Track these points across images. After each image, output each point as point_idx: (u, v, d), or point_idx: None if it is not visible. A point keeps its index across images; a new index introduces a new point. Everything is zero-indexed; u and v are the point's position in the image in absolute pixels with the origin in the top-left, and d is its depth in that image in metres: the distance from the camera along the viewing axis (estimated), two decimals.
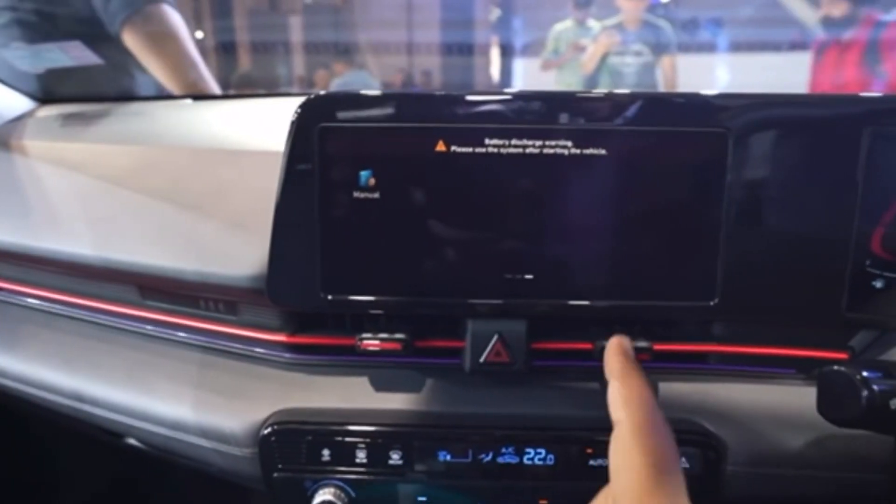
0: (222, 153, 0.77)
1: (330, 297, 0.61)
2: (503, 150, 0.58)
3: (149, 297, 0.73)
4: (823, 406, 0.51)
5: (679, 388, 0.65)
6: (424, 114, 0.59)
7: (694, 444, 0.61)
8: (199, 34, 7.29)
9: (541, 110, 0.58)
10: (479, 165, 0.59)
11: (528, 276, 0.61)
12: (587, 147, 0.58)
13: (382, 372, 0.67)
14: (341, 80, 4.81)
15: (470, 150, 0.58)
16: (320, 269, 0.61)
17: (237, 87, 4.58)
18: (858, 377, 0.46)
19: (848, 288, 0.60)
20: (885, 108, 0.58)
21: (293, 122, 0.59)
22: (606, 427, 0.62)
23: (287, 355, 0.69)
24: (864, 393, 0.45)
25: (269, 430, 0.62)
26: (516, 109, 0.58)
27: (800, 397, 0.64)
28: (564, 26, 3.91)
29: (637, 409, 0.42)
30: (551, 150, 0.58)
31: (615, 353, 0.48)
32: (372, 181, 0.60)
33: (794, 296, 0.60)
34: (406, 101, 0.59)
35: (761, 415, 0.63)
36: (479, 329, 0.63)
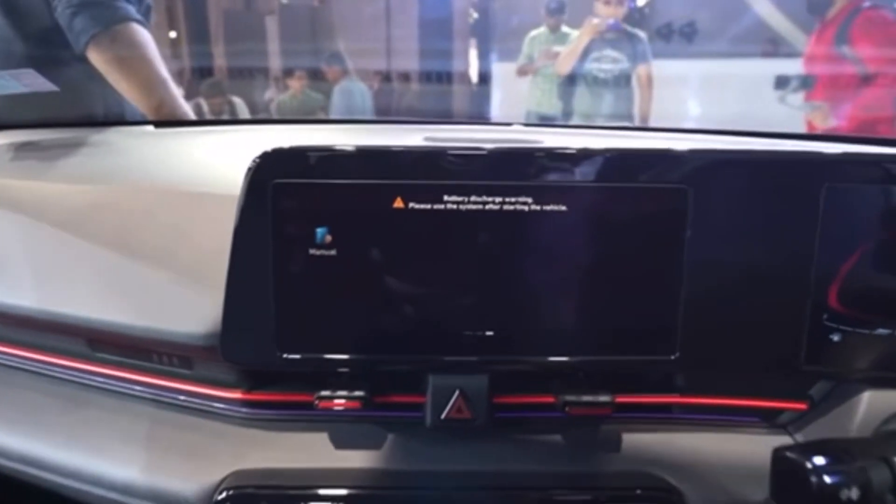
0: (180, 194, 0.75)
1: (286, 355, 0.59)
2: (462, 207, 0.57)
3: (99, 350, 0.71)
4: (776, 491, 0.51)
5: (641, 439, 0.65)
6: (381, 170, 0.57)
7: (655, 500, 0.60)
8: (173, 34, 7.16)
9: (500, 166, 0.57)
10: (438, 222, 0.57)
11: (489, 333, 0.60)
12: (547, 203, 0.57)
13: (342, 427, 0.65)
14: (339, 86, 4.81)
15: (428, 206, 0.57)
16: (276, 327, 0.59)
17: (207, 96, 4.49)
18: (809, 466, 0.46)
19: (806, 341, 0.60)
20: (842, 165, 0.58)
21: (247, 178, 0.57)
22: (570, 486, 0.62)
23: (244, 410, 0.66)
24: (814, 481, 0.45)
25: (224, 495, 0.60)
26: (475, 165, 0.57)
27: (764, 446, 0.64)
28: (538, 32, 3.93)
29: None
30: (511, 207, 0.57)
31: None
32: (328, 238, 0.58)
33: (753, 349, 0.60)
34: (363, 157, 0.57)
35: (724, 466, 0.63)
36: (440, 384, 0.62)
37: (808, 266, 0.58)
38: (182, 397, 0.68)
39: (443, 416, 0.62)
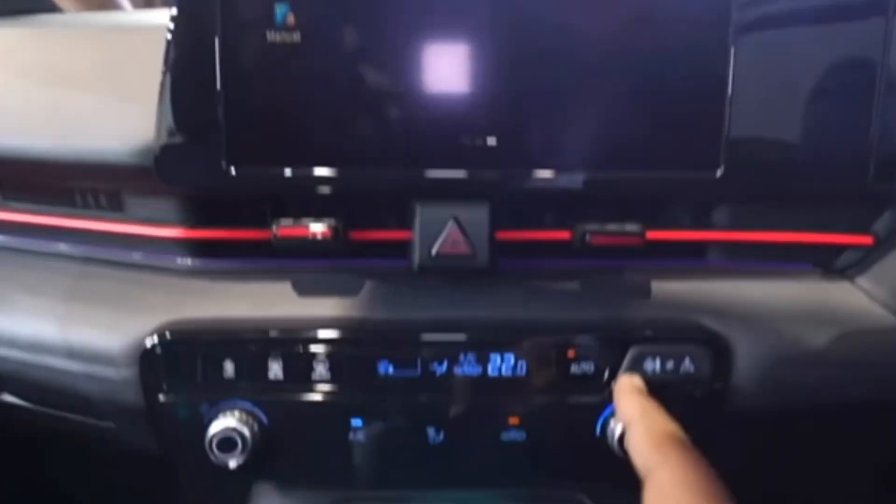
0: (109, 30, 0.62)
1: (236, 170, 0.47)
2: None
3: (11, 195, 0.57)
4: None
5: (675, 288, 0.53)
6: None
7: (698, 342, 0.49)
8: None
9: None
10: None
11: (491, 141, 0.48)
12: None
13: (308, 276, 0.53)
14: None
15: None
16: (224, 134, 0.47)
17: None
18: None
19: (875, 154, 0.49)
20: None
21: None
22: (594, 331, 0.50)
23: (187, 261, 0.54)
24: None
25: (154, 340, 0.47)
26: None
27: (820, 292, 0.54)
28: None
29: (678, 454, 0.34)
30: None
31: (628, 391, 0.41)
32: (291, 19, 0.46)
33: (810, 163, 0.49)
34: None
35: (776, 312, 0.51)
36: (431, 214, 0.50)
37: (874, 64, 0.48)
38: (112, 248, 0.55)
39: (434, 251, 0.50)
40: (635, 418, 0.38)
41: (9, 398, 0.72)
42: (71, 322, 0.51)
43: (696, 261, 0.55)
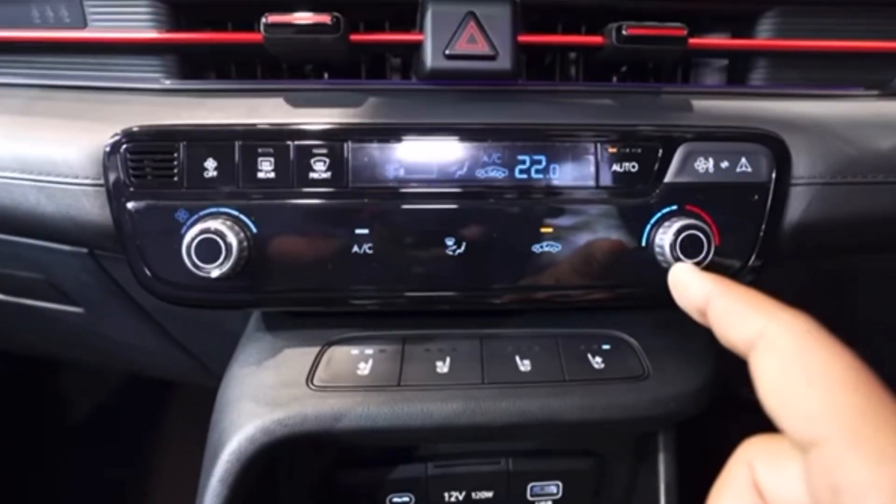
0: None
1: None
2: None
3: None
4: None
5: (722, 104, 0.46)
6: None
7: (754, 139, 0.42)
8: None
9: None
10: None
11: None
12: None
13: (303, 94, 0.45)
14: None
15: None
16: None
17: None
18: None
19: None
20: None
21: None
22: (633, 128, 0.44)
23: (163, 80, 0.46)
24: None
25: (119, 138, 0.40)
26: None
27: (877, 108, 0.48)
28: None
29: (783, 311, 0.27)
30: None
31: (688, 272, 0.34)
32: None
33: None
34: None
35: (834, 122, 0.45)
36: (444, 8, 0.43)
37: None
38: (76, 65, 0.47)
39: (448, 50, 0.43)
40: (715, 291, 0.31)
41: None
42: (21, 136, 0.43)
43: (741, 85, 0.49)
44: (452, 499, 0.48)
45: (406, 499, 0.49)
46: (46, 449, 1.06)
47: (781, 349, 0.26)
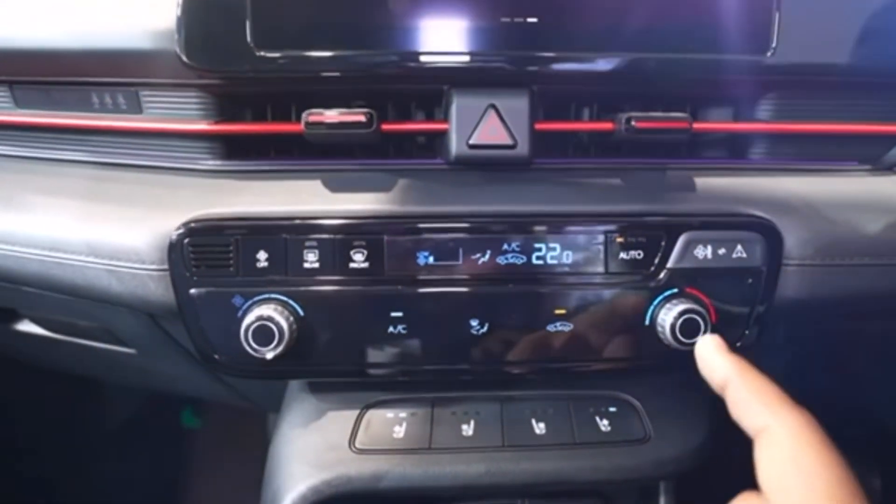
0: None
1: (264, 53, 0.45)
2: None
3: (23, 99, 0.55)
4: None
5: (724, 182, 0.51)
6: None
7: (749, 228, 0.46)
8: None
9: None
10: None
11: (532, 20, 0.46)
12: None
13: (340, 175, 0.50)
14: None
15: None
16: (250, 15, 0.44)
17: None
18: None
19: None
20: None
21: None
22: (639, 218, 0.48)
23: (210, 162, 0.51)
24: None
25: (182, 231, 0.45)
26: None
27: (868, 184, 0.52)
28: None
29: (792, 413, 0.34)
30: None
31: (714, 349, 0.39)
32: None
33: (864, 46, 0.47)
34: None
35: (825, 203, 0.49)
36: (467, 101, 0.48)
37: None
38: (132, 150, 0.53)
39: (472, 140, 0.47)
40: (734, 376, 0.36)
41: (28, 327, 0.71)
42: (91, 220, 0.48)
43: (741, 160, 0.53)
44: None
45: None
46: (82, 450, 1.12)
47: (780, 446, 0.32)
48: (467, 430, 0.48)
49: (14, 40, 0.50)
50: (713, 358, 0.39)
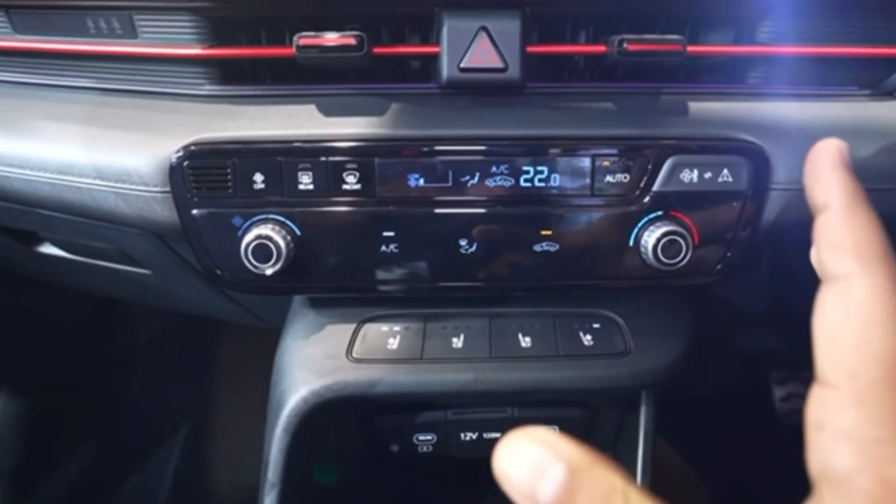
0: None
1: None
2: None
3: (21, 25, 0.55)
4: None
5: (716, 107, 0.50)
6: None
7: (736, 153, 0.47)
8: None
9: None
10: None
11: None
12: None
13: (332, 99, 0.51)
14: None
15: None
16: None
17: None
18: None
19: None
20: None
21: None
22: (626, 142, 0.49)
23: (207, 87, 0.52)
24: None
25: (182, 154, 0.47)
26: None
27: (867, 110, 0.51)
28: None
29: (883, 268, 0.28)
30: None
31: (835, 165, 0.33)
32: None
33: None
34: None
35: (816, 126, 0.49)
36: (458, 24, 0.47)
37: None
38: (128, 75, 0.54)
39: (463, 63, 0.47)
40: (840, 206, 0.30)
41: (49, 249, 0.75)
42: (96, 145, 0.50)
43: (736, 84, 0.52)
44: (467, 438, 0.59)
45: (430, 437, 0.60)
46: (109, 373, 1.21)
47: (852, 300, 0.27)
48: (457, 342, 0.52)
49: None
50: (826, 172, 0.32)
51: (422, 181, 0.47)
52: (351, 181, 0.47)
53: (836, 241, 0.29)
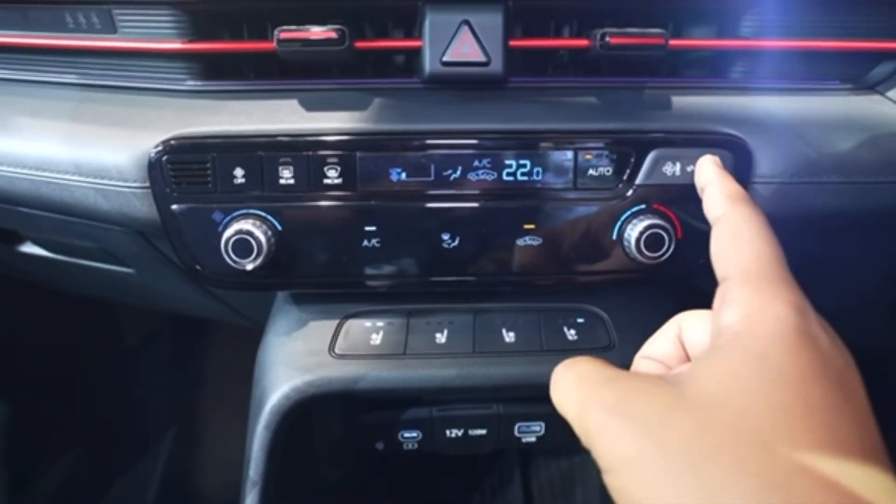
0: None
1: None
2: None
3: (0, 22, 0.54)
4: None
5: (698, 101, 0.51)
6: None
7: (718, 146, 0.47)
8: None
9: None
10: None
11: None
12: None
13: (315, 94, 0.51)
14: None
15: None
16: None
17: None
18: None
19: None
20: None
21: None
22: (608, 136, 0.49)
23: (189, 82, 0.51)
24: None
25: (161, 149, 0.46)
26: None
27: (848, 104, 0.51)
28: None
29: (748, 205, 0.37)
30: None
31: (709, 163, 0.43)
32: None
33: None
34: None
35: (797, 120, 0.49)
36: (440, 17, 0.47)
37: None
38: (108, 70, 0.53)
39: (445, 57, 0.47)
40: (712, 180, 0.40)
41: (30, 249, 0.74)
42: (75, 140, 0.49)
43: (718, 78, 0.53)
44: (453, 435, 0.59)
45: (415, 434, 0.59)
46: (103, 371, 1.20)
47: (727, 224, 0.36)
48: (440, 338, 0.51)
49: None
50: (702, 166, 0.42)
51: (404, 175, 0.47)
52: (332, 175, 0.46)
53: (714, 198, 0.39)
